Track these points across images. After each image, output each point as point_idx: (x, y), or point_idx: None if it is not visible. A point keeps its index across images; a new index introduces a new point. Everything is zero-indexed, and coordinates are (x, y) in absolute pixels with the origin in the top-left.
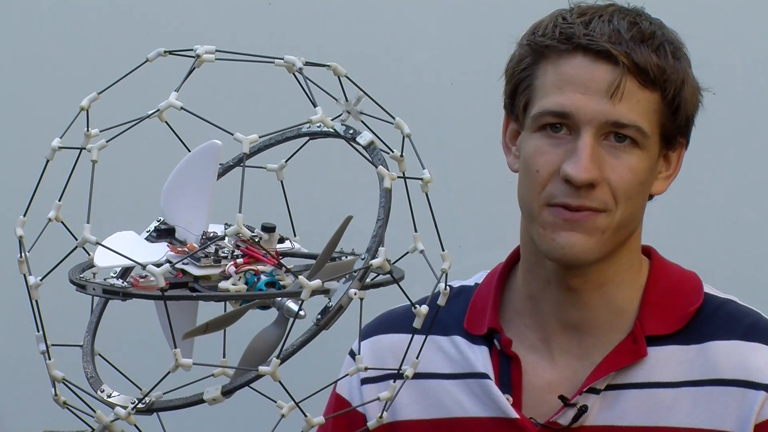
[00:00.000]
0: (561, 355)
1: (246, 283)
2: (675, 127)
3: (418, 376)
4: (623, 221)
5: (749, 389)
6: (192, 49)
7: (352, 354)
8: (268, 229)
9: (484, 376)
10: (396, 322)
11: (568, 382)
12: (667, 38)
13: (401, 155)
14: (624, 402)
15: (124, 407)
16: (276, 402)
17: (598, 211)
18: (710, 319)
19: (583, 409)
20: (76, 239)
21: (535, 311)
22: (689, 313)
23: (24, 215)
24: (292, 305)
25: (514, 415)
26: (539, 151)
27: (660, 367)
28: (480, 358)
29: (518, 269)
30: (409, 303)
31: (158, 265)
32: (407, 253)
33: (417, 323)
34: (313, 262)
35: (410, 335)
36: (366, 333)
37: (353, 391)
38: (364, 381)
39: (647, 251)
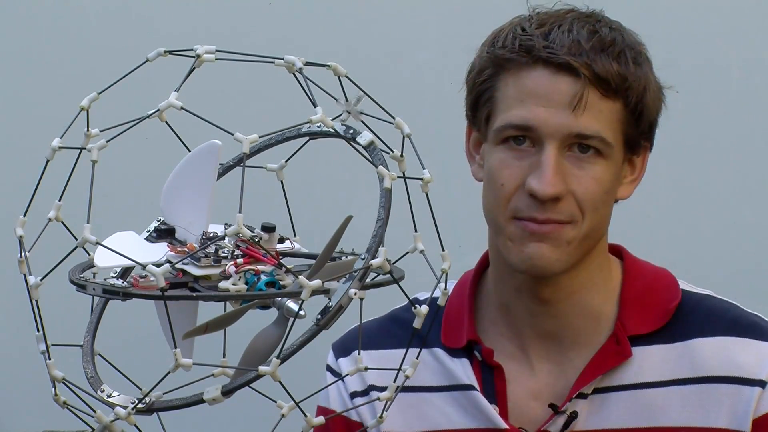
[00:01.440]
0: (540, 362)
1: (246, 283)
2: (638, 133)
3: (403, 389)
4: (590, 231)
5: (743, 386)
6: (192, 49)
7: (329, 369)
8: (268, 229)
9: (470, 387)
10: (371, 338)
11: (549, 388)
12: (628, 44)
13: (401, 155)
14: (612, 404)
15: (124, 407)
16: (276, 402)
17: (564, 223)
18: (691, 316)
19: (573, 416)
20: (76, 239)
21: (508, 320)
22: (670, 310)
23: (24, 215)
24: (292, 305)
25: (504, 425)
26: (503, 164)
27: (646, 367)
28: (463, 369)
29: (488, 277)
30: (374, 318)
31: (158, 265)
32: (407, 253)
33: (417, 323)
34: (313, 262)
35: (392, 350)
36: (342, 349)
37: (347, 404)
38: (353, 395)
39: (617, 251)
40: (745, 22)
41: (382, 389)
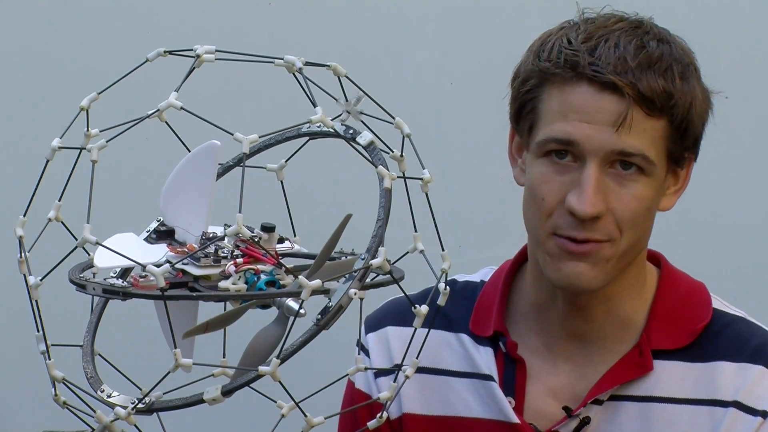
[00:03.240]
0: (564, 361)
1: (246, 283)
2: (683, 148)
3: (427, 371)
4: (628, 248)
5: (747, 414)
6: (192, 49)
7: (362, 347)
8: (268, 229)
9: (489, 377)
10: (401, 314)
11: (570, 388)
12: (675, 57)
13: (401, 155)
14: (624, 414)
15: (124, 407)
16: (276, 402)
17: (603, 241)
18: (718, 338)
19: (586, 421)
20: (76, 239)
21: (540, 317)
22: (697, 330)
23: (24, 215)
24: (293, 304)
25: (515, 419)
26: (544, 178)
27: (663, 382)
28: (485, 359)
29: (526, 271)
30: (413, 293)
31: (158, 265)
32: (407, 253)
33: (417, 323)
34: (313, 261)
35: (420, 329)
36: (372, 325)
37: (371, 385)
38: (378, 374)
39: (656, 258)
40: (736, 23)
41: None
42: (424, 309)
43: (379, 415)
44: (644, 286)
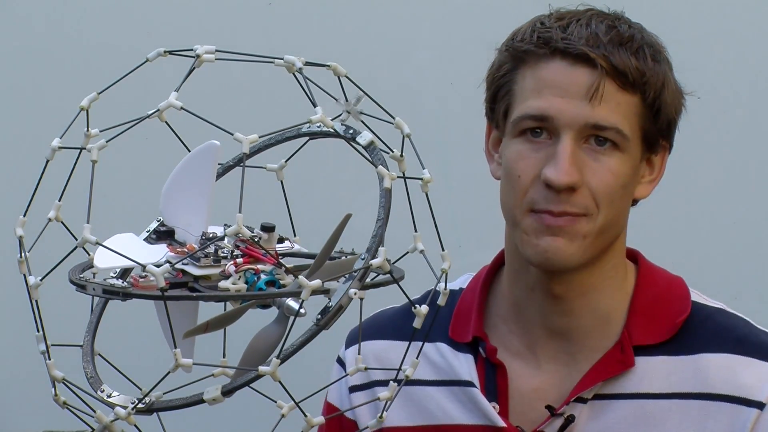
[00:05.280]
0: (547, 361)
1: (246, 282)
2: (657, 130)
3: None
4: (605, 225)
5: (742, 406)
6: (192, 49)
7: (340, 361)
8: (268, 228)
9: (470, 384)
10: (381, 328)
11: (554, 388)
12: (647, 41)
13: (401, 155)
14: (612, 412)
15: (124, 407)
16: (276, 402)
17: (579, 215)
18: (699, 330)
19: (570, 419)
20: (76, 239)
21: (519, 317)
22: (677, 324)
23: (24, 215)
24: (293, 303)
25: (501, 423)
26: (520, 156)
27: (649, 378)
28: (465, 365)
29: (503, 274)
30: (394, 306)
31: (158, 266)
32: (407, 253)
33: (417, 323)
34: (313, 261)
35: (394, 342)
36: (352, 339)
37: (343, 400)
38: (353, 389)
39: (633, 255)
40: (727, 24)
41: (385, 384)
42: (424, 309)
43: (378, 415)
44: (623, 282)
